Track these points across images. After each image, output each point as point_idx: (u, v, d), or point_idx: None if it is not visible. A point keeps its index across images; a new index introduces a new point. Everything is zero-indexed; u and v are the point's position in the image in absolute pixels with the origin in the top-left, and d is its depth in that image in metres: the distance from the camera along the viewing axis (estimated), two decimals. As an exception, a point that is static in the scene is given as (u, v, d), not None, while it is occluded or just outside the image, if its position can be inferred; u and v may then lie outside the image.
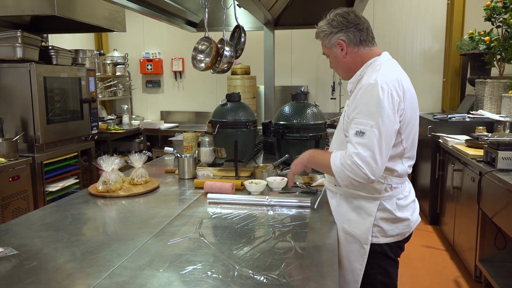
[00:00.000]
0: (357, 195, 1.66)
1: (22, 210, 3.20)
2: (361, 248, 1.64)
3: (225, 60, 2.65)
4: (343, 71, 1.72)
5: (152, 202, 1.99)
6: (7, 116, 3.34)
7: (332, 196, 1.77)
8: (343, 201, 1.71)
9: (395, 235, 1.66)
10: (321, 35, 1.70)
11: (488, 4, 4.17)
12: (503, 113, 4.00)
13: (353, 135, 1.49)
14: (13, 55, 3.29)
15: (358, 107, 1.52)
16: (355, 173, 1.46)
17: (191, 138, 2.77)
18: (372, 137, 1.46)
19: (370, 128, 1.46)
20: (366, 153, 1.45)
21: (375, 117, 1.47)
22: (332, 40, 1.66)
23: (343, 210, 1.70)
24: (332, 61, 1.73)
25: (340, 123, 1.74)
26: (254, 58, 5.06)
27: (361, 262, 1.65)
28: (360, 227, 1.64)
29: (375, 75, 1.53)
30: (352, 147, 1.48)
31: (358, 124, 1.50)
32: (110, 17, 3.91)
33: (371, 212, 1.63)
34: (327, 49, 1.71)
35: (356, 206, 1.66)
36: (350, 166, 1.46)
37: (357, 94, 1.54)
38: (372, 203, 1.63)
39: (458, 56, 5.13)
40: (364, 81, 1.55)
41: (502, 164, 2.64)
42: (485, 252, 2.99)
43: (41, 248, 1.43)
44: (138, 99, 6.37)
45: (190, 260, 1.32)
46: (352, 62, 1.66)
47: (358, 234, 1.64)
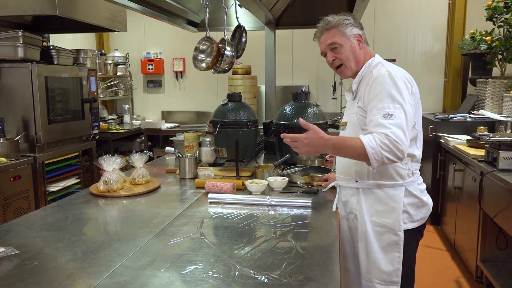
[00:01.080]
0: (381, 185, 1.69)
1: (23, 210, 3.21)
2: (395, 235, 1.68)
3: (226, 60, 2.65)
4: (354, 62, 1.75)
5: (153, 202, 1.99)
6: (8, 116, 3.34)
7: (351, 193, 1.79)
8: (366, 195, 1.73)
9: (419, 219, 1.73)
10: (343, 23, 1.73)
11: (490, 4, 4.16)
12: (504, 113, 4.00)
13: (381, 118, 1.54)
14: (14, 55, 3.29)
15: (378, 95, 1.58)
16: (392, 151, 1.50)
17: (192, 138, 2.77)
18: (401, 117, 1.54)
19: (396, 110, 1.54)
20: (399, 131, 1.51)
21: (398, 99, 1.56)
22: (354, 31, 1.73)
23: (368, 204, 1.72)
24: (345, 51, 1.73)
25: (351, 122, 1.76)
26: (255, 58, 5.06)
27: (398, 249, 1.68)
28: (391, 215, 1.68)
29: (383, 69, 1.65)
30: (384, 128, 1.52)
31: (382, 108, 1.55)
32: (111, 17, 3.91)
33: (399, 199, 1.68)
34: (345, 38, 1.72)
35: (383, 196, 1.69)
36: (387, 145, 1.49)
37: (371, 86, 1.63)
38: (398, 190, 1.68)
39: (460, 56, 5.13)
40: (375, 74, 1.65)
41: (504, 164, 2.64)
42: (486, 252, 2.98)
43: (42, 248, 1.43)
44: (139, 99, 6.37)
45: (191, 260, 1.32)
46: (362, 56, 1.76)
47: (390, 223, 1.68)
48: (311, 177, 2.23)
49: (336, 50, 1.74)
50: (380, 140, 1.50)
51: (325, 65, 1.87)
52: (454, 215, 3.57)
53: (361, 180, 1.74)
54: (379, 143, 1.50)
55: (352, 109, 1.78)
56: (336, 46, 1.74)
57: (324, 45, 1.78)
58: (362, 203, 1.74)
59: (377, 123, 1.55)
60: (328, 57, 1.78)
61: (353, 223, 1.81)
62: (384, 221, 1.69)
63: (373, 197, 1.72)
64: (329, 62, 1.79)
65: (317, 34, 1.81)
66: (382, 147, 1.50)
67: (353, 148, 1.56)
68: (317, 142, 1.60)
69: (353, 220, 1.81)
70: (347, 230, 1.90)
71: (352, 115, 1.76)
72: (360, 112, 1.69)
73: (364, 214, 1.73)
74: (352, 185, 1.78)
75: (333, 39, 1.73)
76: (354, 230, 1.82)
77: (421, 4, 5.34)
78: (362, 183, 1.74)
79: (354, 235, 1.84)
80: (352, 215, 1.81)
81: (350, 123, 1.78)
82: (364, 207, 1.73)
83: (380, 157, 1.51)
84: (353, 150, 1.56)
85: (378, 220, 1.70)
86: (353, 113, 1.75)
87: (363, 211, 1.73)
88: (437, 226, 4.25)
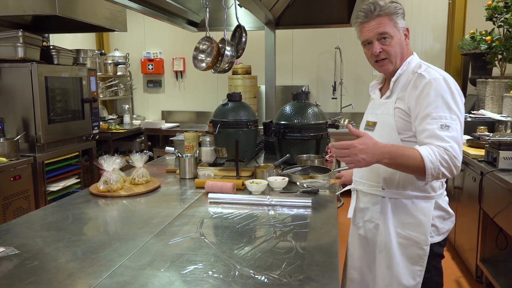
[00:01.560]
0: (411, 196, 1.59)
1: (23, 210, 3.21)
2: (421, 249, 1.59)
3: (226, 59, 2.65)
4: (400, 58, 1.60)
5: (153, 202, 1.99)
6: (8, 115, 3.34)
7: (374, 201, 1.67)
8: (393, 204, 1.62)
9: (445, 232, 1.66)
10: (398, 12, 1.57)
11: (490, 3, 4.16)
12: (504, 113, 4.00)
13: (438, 130, 1.43)
14: (14, 55, 3.29)
15: (433, 102, 1.46)
16: (449, 168, 1.41)
17: (192, 137, 2.77)
18: (457, 130, 1.45)
19: (453, 121, 1.45)
20: (456, 146, 1.43)
21: (455, 110, 1.47)
22: (403, 23, 1.60)
23: (394, 215, 1.62)
24: (394, 44, 1.57)
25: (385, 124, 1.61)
26: (255, 58, 5.06)
27: (421, 263, 1.60)
28: (418, 228, 1.59)
29: (434, 72, 1.53)
30: (443, 141, 1.42)
31: (439, 118, 1.45)
32: (111, 17, 3.91)
33: (428, 212, 1.59)
34: (396, 29, 1.57)
35: (412, 208, 1.59)
36: (446, 161, 1.40)
37: (422, 90, 1.49)
38: (428, 202, 1.60)
39: (460, 56, 5.13)
40: (427, 76, 1.51)
41: (504, 164, 2.63)
42: (486, 252, 2.98)
43: (42, 247, 1.43)
44: (139, 99, 6.37)
45: (191, 259, 1.32)
46: (406, 53, 1.63)
47: (416, 236, 1.59)
48: (311, 177, 2.22)
49: (386, 41, 1.57)
50: (440, 155, 1.40)
51: (325, 65, 1.84)
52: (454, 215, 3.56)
53: (389, 189, 1.62)
54: (439, 158, 1.40)
55: (385, 109, 1.63)
56: (387, 36, 1.56)
57: (372, 32, 1.57)
58: (388, 213, 1.62)
59: (433, 134, 1.44)
60: (375, 48, 1.58)
61: (371, 232, 1.71)
62: (410, 234, 1.59)
63: (401, 208, 1.61)
64: (374, 53, 1.59)
65: (363, 19, 1.59)
66: (441, 162, 1.40)
67: (410, 159, 1.41)
68: (374, 148, 1.40)
69: (371, 229, 1.70)
70: (359, 239, 1.78)
71: (387, 116, 1.60)
72: (401, 114, 1.56)
73: (389, 225, 1.62)
74: (376, 192, 1.65)
75: (386, 28, 1.55)
76: (370, 240, 1.72)
77: (421, 4, 5.34)
78: (389, 191, 1.62)
79: (369, 245, 1.73)
80: (371, 224, 1.69)
81: (382, 124, 1.63)
82: (389, 218, 1.62)
83: (437, 173, 1.41)
84: (410, 162, 1.42)
85: (403, 233, 1.60)
86: (388, 114, 1.60)
87: (388, 222, 1.62)
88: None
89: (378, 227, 1.66)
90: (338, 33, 5.54)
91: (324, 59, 5.70)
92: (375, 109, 1.70)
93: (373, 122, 1.68)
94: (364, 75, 5.65)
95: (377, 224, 1.67)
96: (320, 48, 5.70)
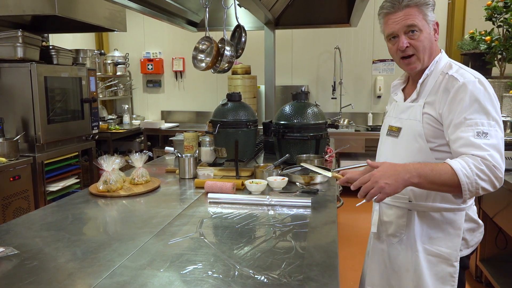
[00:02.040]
0: (440, 208, 1.46)
1: (23, 210, 3.21)
2: (451, 266, 1.46)
3: (225, 59, 2.65)
4: (428, 55, 1.45)
5: (153, 202, 1.99)
6: (8, 115, 3.34)
7: (400, 214, 1.53)
8: (421, 218, 1.50)
9: (474, 244, 1.54)
10: (429, 3, 1.42)
11: (489, 3, 4.16)
12: (503, 113, 4.00)
13: (474, 137, 1.29)
14: (14, 55, 3.29)
15: (468, 107, 1.32)
16: (490, 180, 1.27)
17: (192, 137, 2.77)
18: (497, 137, 1.30)
19: (491, 128, 1.30)
20: (496, 154, 1.27)
21: (494, 115, 1.32)
22: (433, 17, 1.44)
23: (422, 229, 1.49)
24: (423, 39, 1.42)
25: (412, 130, 1.47)
26: (254, 57, 5.06)
27: (452, 283, 1.47)
28: (448, 244, 1.46)
29: (468, 75, 1.38)
30: (480, 150, 1.27)
31: (475, 125, 1.30)
32: (110, 17, 3.91)
33: (459, 225, 1.46)
34: (425, 22, 1.42)
35: (441, 221, 1.47)
36: (484, 172, 1.25)
37: (455, 94, 1.35)
38: (458, 215, 1.46)
39: (459, 55, 5.13)
40: (460, 79, 1.37)
41: (503, 164, 2.63)
42: (486, 252, 2.98)
43: (42, 247, 1.43)
44: (139, 99, 6.37)
45: (190, 259, 1.32)
46: (434, 50, 1.47)
47: (446, 252, 1.46)
48: (310, 177, 2.22)
49: (414, 34, 1.41)
50: (476, 166, 1.25)
51: (325, 65, 1.81)
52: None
53: (416, 201, 1.49)
54: (475, 171, 1.25)
55: (411, 113, 1.48)
56: (415, 29, 1.41)
57: (399, 24, 1.41)
58: (415, 227, 1.49)
59: (468, 143, 1.29)
60: (402, 42, 1.42)
61: (394, 248, 1.57)
62: (440, 250, 1.47)
63: (429, 221, 1.48)
64: (400, 48, 1.43)
65: (389, 9, 1.44)
66: (478, 175, 1.25)
67: (442, 175, 1.27)
68: (394, 170, 1.29)
69: (394, 244, 1.57)
70: (381, 254, 1.64)
71: (415, 123, 1.45)
72: (430, 121, 1.42)
73: (417, 240, 1.49)
74: (402, 205, 1.52)
75: (415, 21, 1.39)
76: (393, 256, 1.58)
77: (420, 4, 5.34)
78: (416, 204, 1.49)
79: (391, 262, 1.59)
80: (396, 239, 1.56)
81: (409, 131, 1.47)
82: (417, 232, 1.49)
83: (475, 188, 1.26)
84: (444, 179, 1.27)
85: (432, 249, 1.48)
86: (415, 119, 1.45)
87: (416, 236, 1.49)
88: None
89: (402, 242, 1.54)
90: (337, 33, 5.54)
91: (323, 59, 5.70)
92: (399, 113, 1.55)
93: (397, 128, 1.53)
94: (363, 75, 5.66)
95: (401, 239, 1.54)
96: (320, 48, 5.70)
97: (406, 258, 1.53)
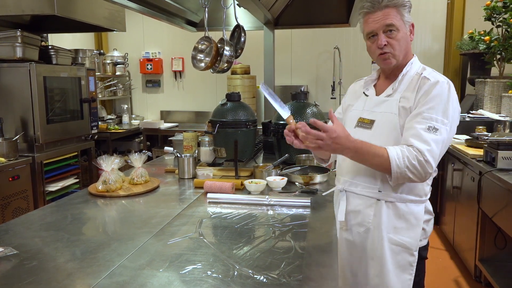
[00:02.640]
0: (406, 200, 1.54)
1: (22, 210, 3.20)
2: (411, 255, 1.55)
3: (225, 59, 2.65)
4: (404, 54, 1.54)
5: (152, 202, 1.99)
6: (7, 115, 3.33)
7: (368, 204, 1.58)
8: (387, 208, 1.55)
9: (429, 234, 1.64)
10: (406, 4, 1.51)
11: (488, 3, 4.17)
12: (503, 113, 4.00)
13: (424, 130, 1.40)
14: (13, 55, 3.29)
15: (431, 103, 1.43)
16: (419, 174, 1.38)
17: (191, 137, 2.77)
18: (443, 135, 1.42)
19: (443, 126, 1.41)
20: (436, 151, 1.39)
21: (450, 115, 1.44)
22: (410, 18, 1.54)
23: (387, 219, 1.55)
24: (400, 38, 1.51)
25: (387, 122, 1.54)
26: (254, 57, 5.06)
27: (411, 271, 1.55)
28: (410, 234, 1.54)
29: (440, 76, 1.50)
30: (424, 144, 1.38)
31: (430, 119, 1.41)
32: (110, 16, 3.91)
33: (420, 216, 1.55)
34: (402, 23, 1.51)
35: (405, 212, 1.54)
36: (415, 167, 1.37)
37: (427, 91, 1.46)
38: (420, 206, 1.56)
39: (458, 55, 5.13)
40: (432, 78, 1.48)
41: (502, 163, 2.64)
42: (485, 252, 2.99)
43: (41, 247, 1.43)
44: (138, 98, 6.37)
45: (190, 259, 1.32)
46: (410, 50, 1.58)
47: (408, 242, 1.54)
48: (309, 177, 2.23)
49: (392, 34, 1.50)
50: (410, 161, 1.37)
51: (324, 65, 1.83)
52: (453, 215, 3.58)
53: (386, 191, 1.54)
54: (407, 164, 1.37)
55: (387, 107, 1.56)
56: (393, 29, 1.49)
57: (378, 23, 1.50)
58: (382, 216, 1.54)
59: (417, 134, 1.40)
60: (381, 40, 1.50)
61: (361, 237, 1.61)
62: (402, 239, 1.54)
63: (395, 211, 1.54)
64: (379, 46, 1.51)
65: (369, 9, 1.52)
66: (409, 168, 1.37)
67: (377, 158, 1.40)
68: (340, 141, 1.39)
69: (361, 233, 1.60)
70: (347, 243, 1.67)
71: (390, 115, 1.54)
72: (404, 114, 1.52)
73: (383, 230, 1.54)
74: (372, 194, 1.57)
75: (393, 20, 1.48)
76: (359, 245, 1.62)
77: (419, 4, 5.35)
78: (386, 194, 1.54)
79: (357, 251, 1.63)
80: (362, 228, 1.60)
81: (383, 123, 1.55)
82: (383, 222, 1.54)
83: (403, 177, 1.40)
84: (377, 161, 1.41)
85: (395, 238, 1.54)
86: (391, 112, 1.53)
87: (382, 226, 1.54)
88: (436, 225, 4.25)
89: (368, 231, 1.58)
90: (337, 33, 5.54)
91: (323, 59, 5.70)
92: (372, 107, 1.62)
93: (370, 120, 1.59)
94: (363, 75, 5.64)
95: (368, 228, 1.58)
96: (319, 48, 5.70)
97: (371, 247, 1.59)
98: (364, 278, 1.62)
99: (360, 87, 1.76)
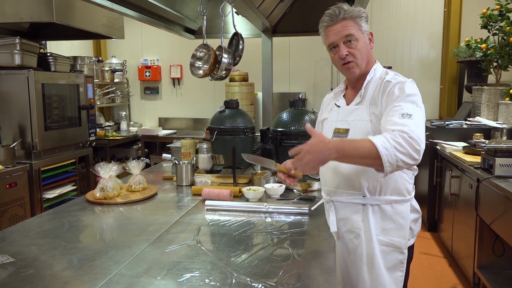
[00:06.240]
0: (390, 201, 1.59)
1: (19, 217, 3.19)
2: (401, 254, 1.60)
3: (223, 67, 2.66)
4: (366, 62, 1.61)
5: (150, 209, 1.99)
6: (4, 122, 3.33)
7: (355, 210, 1.62)
8: (373, 212, 1.60)
9: (416, 233, 1.69)
10: (362, 15, 1.59)
11: (485, 12, 4.21)
12: (500, 120, 4.02)
13: (399, 118, 1.41)
14: (11, 62, 3.29)
15: (398, 98, 1.49)
16: (407, 152, 1.32)
17: (189, 144, 2.77)
18: (420, 118, 1.43)
19: (416, 112, 1.43)
20: (417, 129, 1.37)
21: (419, 105, 1.49)
22: (367, 27, 1.62)
23: (375, 222, 1.59)
24: (360, 47, 1.58)
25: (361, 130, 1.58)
26: (252, 65, 5.07)
27: (402, 269, 1.61)
28: (399, 233, 1.60)
29: (401, 77, 1.59)
30: (402, 126, 1.37)
31: (401, 109, 1.43)
32: (108, 24, 3.92)
33: (406, 215, 1.61)
34: (360, 32, 1.59)
35: (391, 212, 1.59)
36: (401, 144, 1.32)
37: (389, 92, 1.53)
38: (405, 205, 1.61)
39: (455, 63, 5.17)
40: (393, 81, 1.56)
41: (500, 171, 2.65)
42: (483, 259, 2.98)
43: (37, 255, 1.42)
44: (136, 105, 6.37)
45: (187, 267, 1.31)
46: (371, 57, 1.66)
47: (397, 241, 1.59)
48: (308, 184, 2.23)
49: (351, 44, 1.57)
50: (394, 139, 1.32)
51: (322, 72, 1.85)
52: (451, 222, 3.57)
53: (371, 195, 1.58)
54: (392, 143, 1.32)
55: (358, 115, 1.61)
56: (352, 39, 1.56)
57: (338, 36, 1.57)
58: (370, 221, 1.59)
59: (393, 122, 1.41)
60: (341, 50, 1.57)
61: (351, 243, 1.64)
62: (392, 240, 1.59)
63: (381, 213, 1.59)
64: (341, 56, 1.58)
65: (328, 22, 1.59)
66: (396, 147, 1.32)
67: (360, 149, 1.35)
68: (317, 146, 1.35)
69: (351, 239, 1.64)
70: (341, 251, 1.69)
71: (363, 122, 1.58)
72: (375, 119, 1.56)
73: (372, 233, 1.58)
74: (357, 200, 1.60)
75: (351, 31, 1.56)
76: (352, 252, 1.65)
77: (416, 12, 5.39)
78: (371, 198, 1.58)
79: (351, 258, 1.66)
80: (352, 235, 1.63)
81: (357, 130, 1.59)
82: (372, 225, 1.58)
83: (395, 160, 1.32)
84: (361, 152, 1.35)
85: (385, 239, 1.58)
86: (363, 119, 1.59)
87: (371, 229, 1.58)
88: (434, 233, 4.25)
89: (359, 237, 1.61)
90: (334, 40, 5.56)
91: (320, 66, 5.73)
92: (345, 116, 1.66)
93: (345, 129, 1.63)
94: (360, 82, 5.67)
95: (358, 234, 1.61)
96: (317, 55, 5.73)
97: (362, 251, 1.62)
98: (362, 284, 1.63)
99: (331, 99, 1.82)
